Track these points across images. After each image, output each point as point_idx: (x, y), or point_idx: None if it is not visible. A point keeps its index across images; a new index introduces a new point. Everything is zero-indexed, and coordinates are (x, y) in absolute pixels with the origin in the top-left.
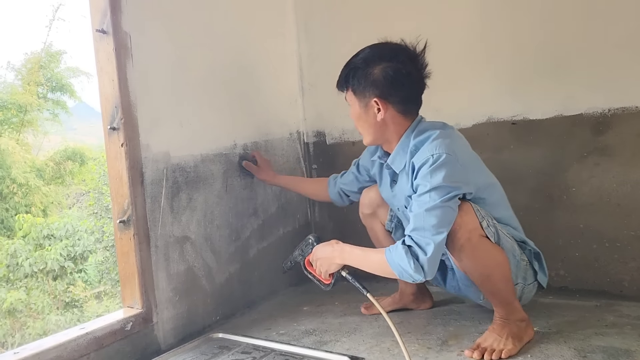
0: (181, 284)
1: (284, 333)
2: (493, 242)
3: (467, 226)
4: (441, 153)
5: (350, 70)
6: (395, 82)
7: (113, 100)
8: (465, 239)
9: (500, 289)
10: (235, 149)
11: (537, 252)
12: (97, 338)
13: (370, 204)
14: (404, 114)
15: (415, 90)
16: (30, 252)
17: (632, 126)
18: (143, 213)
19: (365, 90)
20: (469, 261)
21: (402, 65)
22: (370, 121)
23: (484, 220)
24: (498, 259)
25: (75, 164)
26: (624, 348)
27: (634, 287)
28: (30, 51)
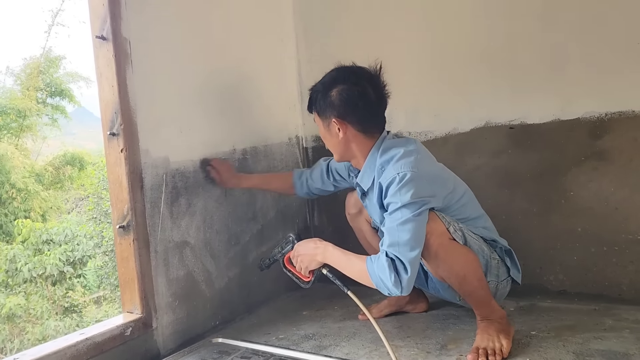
0: (181, 289)
1: (284, 337)
2: (462, 244)
3: (436, 232)
4: (406, 171)
5: (313, 93)
6: (350, 102)
7: (113, 106)
8: (438, 244)
9: (476, 287)
10: (234, 154)
11: (508, 249)
12: (97, 343)
13: (356, 204)
14: (364, 133)
15: (373, 109)
16: (29, 257)
17: (629, 130)
18: (143, 218)
19: (325, 112)
20: (445, 265)
21: (357, 87)
22: (334, 140)
23: (450, 226)
24: (469, 258)
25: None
26: (623, 351)
27: (633, 290)
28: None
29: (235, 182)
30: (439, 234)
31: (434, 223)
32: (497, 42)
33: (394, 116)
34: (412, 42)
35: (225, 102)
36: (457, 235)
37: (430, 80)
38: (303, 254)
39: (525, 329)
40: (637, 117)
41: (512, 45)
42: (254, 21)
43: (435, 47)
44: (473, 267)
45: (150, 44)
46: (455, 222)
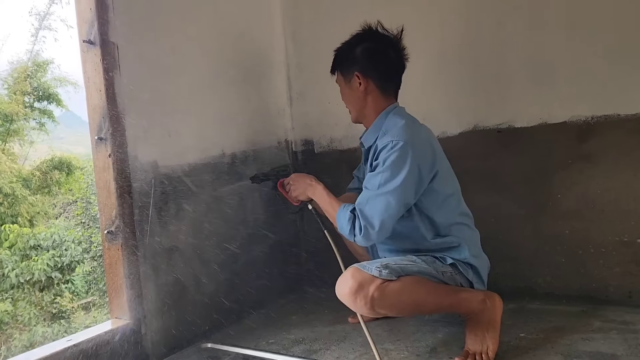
0: (170, 294)
1: (274, 342)
2: (395, 279)
3: (362, 289)
4: (399, 140)
5: (337, 54)
6: (373, 58)
7: (100, 111)
8: (370, 297)
9: (436, 302)
10: (223, 158)
11: (469, 263)
12: (85, 350)
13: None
14: (382, 91)
15: (393, 68)
16: (17, 263)
17: (615, 133)
18: (131, 223)
19: (349, 68)
20: (389, 309)
21: (380, 45)
22: (354, 95)
23: (373, 270)
24: (412, 285)
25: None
26: (610, 353)
27: (619, 292)
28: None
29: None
30: (366, 286)
31: (358, 275)
32: (484, 46)
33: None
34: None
35: (215, 106)
36: (385, 273)
37: (419, 84)
38: (297, 184)
39: (514, 331)
40: (622, 121)
41: (499, 50)
42: (243, 26)
43: (424, 52)
44: (420, 288)
45: (138, 49)
46: (378, 261)
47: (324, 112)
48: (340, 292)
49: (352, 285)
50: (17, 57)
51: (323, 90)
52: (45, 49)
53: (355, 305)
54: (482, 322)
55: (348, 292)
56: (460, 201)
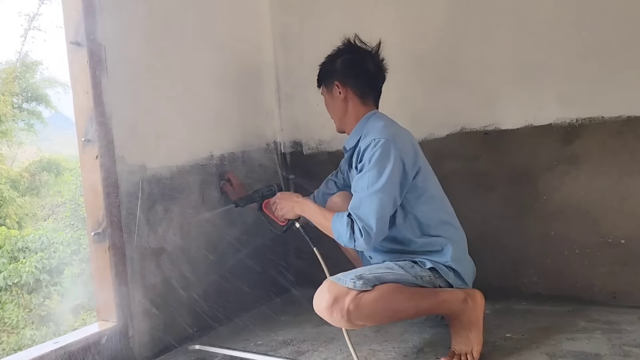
0: (158, 296)
1: (262, 344)
2: (370, 289)
3: (338, 302)
4: (381, 138)
5: (320, 68)
6: (352, 68)
7: (88, 112)
8: (346, 311)
9: (416, 306)
10: (212, 160)
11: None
12: (71, 352)
13: (333, 208)
14: (361, 99)
15: (371, 78)
16: (5, 265)
17: (599, 135)
18: (118, 225)
19: (330, 78)
20: (367, 320)
21: (358, 57)
22: (335, 104)
23: (348, 281)
24: (388, 294)
25: (51, 175)
26: (594, 352)
27: (604, 292)
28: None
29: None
30: (341, 298)
31: (333, 289)
32: (471, 49)
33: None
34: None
35: (203, 108)
36: (359, 284)
37: (408, 87)
38: (283, 203)
39: (500, 331)
40: (606, 123)
41: (486, 53)
42: (232, 28)
43: (412, 55)
44: (397, 295)
45: (126, 50)
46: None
47: (313, 114)
48: (318, 307)
49: (328, 299)
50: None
51: (311, 92)
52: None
53: (333, 318)
54: (464, 322)
55: (325, 306)
56: (445, 203)
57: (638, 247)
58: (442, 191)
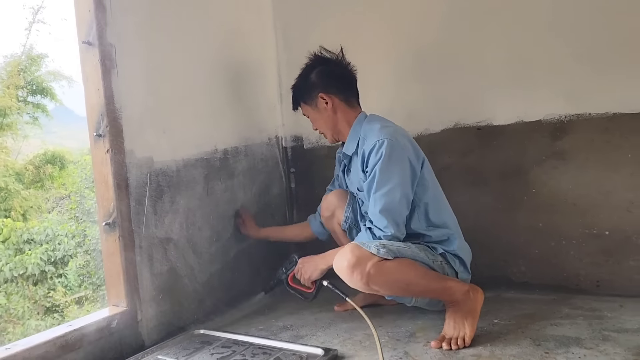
0: (164, 283)
1: (263, 329)
2: (391, 259)
3: (360, 265)
4: (384, 139)
5: (295, 89)
6: (329, 77)
7: (98, 109)
8: (366, 274)
9: (425, 285)
10: (216, 154)
11: (456, 253)
12: (84, 335)
13: (328, 207)
14: (347, 103)
15: (347, 81)
16: (10, 257)
17: (586, 131)
18: (127, 216)
19: (310, 94)
20: (382, 286)
21: (329, 65)
22: (323, 116)
23: (372, 247)
24: (404, 265)
25: (55, 168)
26: (575, 336)
27: (588, 281)
28: (10, 54)
29: (255, 232)
30: (364, 262)
31: (357, 252)
32: (466, 48)
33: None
34: (389, 47)
35: (208, 104)
36: (382, 252)
37: (404, 84)
38: (307, 266)
39: (489, 317)
40: (593, 119)
41: (479, 50)
42: (235, 25)
43: (409, 53)
44: (411, 270)
45: (135, 49)
46: (375, 241)
47: None
48: (339, 266)
49: (351, 260)
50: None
51: None
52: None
53: (352, 279)
54: (463, 310)
55: (346, 265)
56: (443, 195)
57: (621, 238)
58: (441, 192)
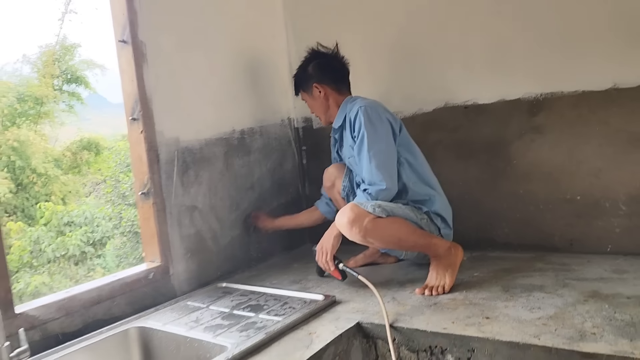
0: (191, 244)
1: (276, 282)
2: (384, 217)
3: (358, 220)
4: (365, 104)
5: (295, 79)
6: (323, 69)
7: (133, 96)
8: (364, 228)
9: (413, 240)
10: (234, 134)
11: (439, 213)
12: (127, 283)
13: (329, 178)
14: (338, 91)
15: (340, 73)
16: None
17: (559, 108)
18: (159, 186)
19: (307, 83)
20: (379, 239)
21: (325, 59)
22: (318, 103)
23: (368, 206)
24: (396, 223)
25: (91, 154)
26: (540, 284)
27: (563, 240)
28: (45, 44)
29: (270, 223)
30: (362, 218)
31: (353, 214)
32: (453, 35)
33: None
34: (384, 38)
35: (226, 90)
36: (377, 211)
37: (401, 68)
38: (320, 248)
39: (470, 272)
40: (565, 97)
41: (464, 39)
42: (249, 19)
43: (401, 42)
44: (402, 227)
45: (162, 45)
46: (371, 201)
47: None
48: (340, 222)
49: (350, 217)
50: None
51: None
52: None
53: (351, 232)
54: (444, 263)
55: (346, 222)
56: (426, 164)
57: (591, 202)
58: (422, 155)
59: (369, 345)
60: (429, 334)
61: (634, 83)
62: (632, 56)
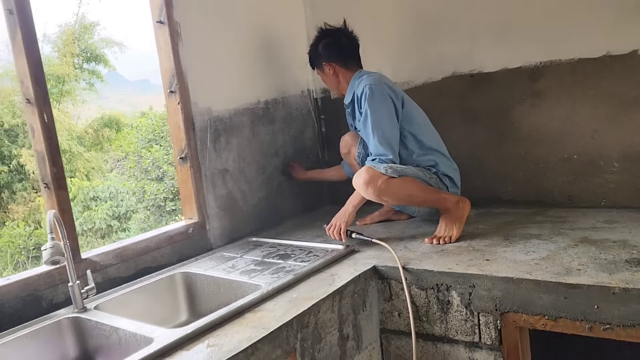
0: (224, 203)
1: (301, 237)
2: (397, 177)
3: (374, 178)
4: (369, 83)
5: (309, 56)
6: (331, 48)
7: (170, 71)
8: (378, 188)
9: (424, 196)
10: (259, 104)
11: (446, 174)
12: (171, 236)
13: (345, 146)
14: (346, 67)
15: (348, 49)
16: (80, 213)
17: (557, 75)
18: (195, 152)
19: (318, 61)
20: (392, 197)
21: (333, 38)
22: (329, 78)
23: (382, 168)
24: (407, 181)
25: (112, 131)
26: (537, 233)
27: (561, 196)
28: (64, 23)
29: (302, 175)
30: (376, 179)
31: (368, 175)
32: (458, 10)
33: (383, 70)
34: (395, 12)
35: (251, 64)
36: (390, 171)
37: (410, 42)
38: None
39: (476, 224)
40: (562, 64)
41: (470, 12)
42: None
43: (411, 16)
44: (413, 185)
45: (195, 24)
46: (384, 163)
47: None
48: (356, 183)
49: (366, 178)
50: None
51: None
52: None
53: (367, 192)
54: (453, 216)
55: (362, 182)
56: (432, 130)
57: (587, 160)
58: (428, 121)
59: (384, 285)
60: (436, 273)
61: (624, 50)
62: (622, 26)
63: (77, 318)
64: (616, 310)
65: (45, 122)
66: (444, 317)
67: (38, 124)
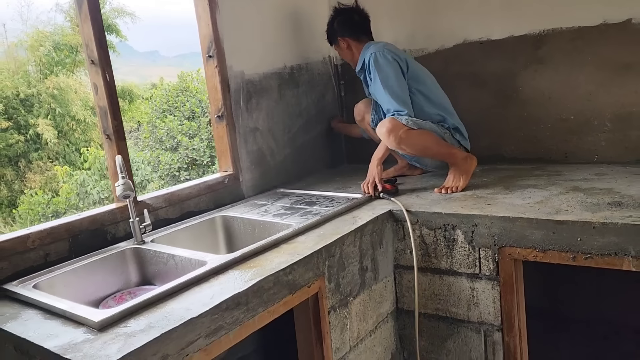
0: (255, 158)
1: (322, 189)
2: (416, 129)
3: (395, 128)
4: (374, 51)
5: (327, 32)
6: (344, 25)
7: (208, 38)
8: (399, 137)
9: (437, 148)
10: (285, 70)
11: (456, 127)
12: (209, 185)
13: (359, 113)
14: (358, 41)
15: (359, 25)
16: (97, 182)
17: (558, 42)
18: (230, 111)
19: (334, 37)
20: (409, 146)
21: (345, 15)
22: (344, 52)
23: (403, 120)
24: (424, 134)
25: (125, 102)
26: (533, 184)
27: (559, 153)
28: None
29: (336, 126)
30: (398, 129)
31: (391, 125)
32: None
33: (398, 39)
34: None
35: (278, 34)
36: (410, 124)
37: (424, 11)
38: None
39: (480, 178)
40: (564, 32)
41: None
42: None
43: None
44: (429, 138)
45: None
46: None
47: None
48: (380, 131)
49: (389, 127)
50: None
51: None
52: None
53: (389, 140)
54: (460, 169)
55: (385, 130)
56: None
57: (582, 121)
58: (435, 82)
59: (398, 227)
60: (443, 215)
61: (619, 19)
62: None
63: (138, 249)
64: (595, 242)
65: (107, 81)
66: (450, 253)
67: (101, 82)
